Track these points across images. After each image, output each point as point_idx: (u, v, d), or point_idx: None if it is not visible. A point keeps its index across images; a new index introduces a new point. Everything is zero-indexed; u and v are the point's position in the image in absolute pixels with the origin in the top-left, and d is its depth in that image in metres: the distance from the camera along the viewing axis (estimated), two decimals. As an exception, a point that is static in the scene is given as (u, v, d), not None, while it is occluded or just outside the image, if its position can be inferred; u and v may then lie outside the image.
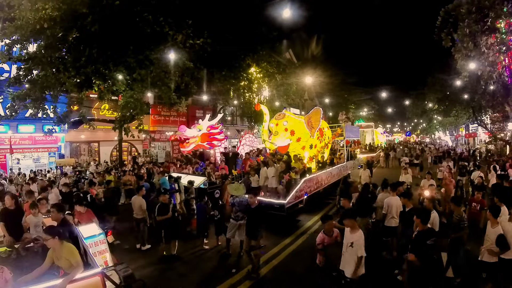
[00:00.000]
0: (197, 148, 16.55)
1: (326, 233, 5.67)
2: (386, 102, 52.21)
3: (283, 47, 33.77)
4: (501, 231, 5.34)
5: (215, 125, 16.48)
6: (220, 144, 17.26)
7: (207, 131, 15.93)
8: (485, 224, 6.00)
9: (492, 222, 5.56)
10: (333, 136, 17.64)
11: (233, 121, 34.80)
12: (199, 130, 15.75)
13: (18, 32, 12.94)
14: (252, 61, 22.22)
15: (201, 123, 16.13)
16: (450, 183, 10.85)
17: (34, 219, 7.00)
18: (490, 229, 5.57)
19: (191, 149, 15.98)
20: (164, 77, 15.97)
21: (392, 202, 7.30)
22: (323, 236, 5.67)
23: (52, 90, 14.49)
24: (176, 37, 15.28)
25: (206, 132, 15.87)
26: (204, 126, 15.95)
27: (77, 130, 22.38)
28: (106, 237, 5.49)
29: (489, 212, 5.69)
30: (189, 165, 16.24)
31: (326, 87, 38.13)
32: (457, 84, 26.91)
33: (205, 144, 16.02)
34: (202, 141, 15.78)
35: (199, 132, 15.65)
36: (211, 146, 16.65)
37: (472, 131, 47.50)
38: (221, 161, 16.84)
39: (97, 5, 13.30)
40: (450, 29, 19.15)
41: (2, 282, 4.35)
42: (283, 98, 26.58)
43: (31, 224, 7.04)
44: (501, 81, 22.38)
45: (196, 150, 17.50)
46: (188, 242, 8.76)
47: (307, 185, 11.38)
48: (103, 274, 4.21)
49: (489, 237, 5.51)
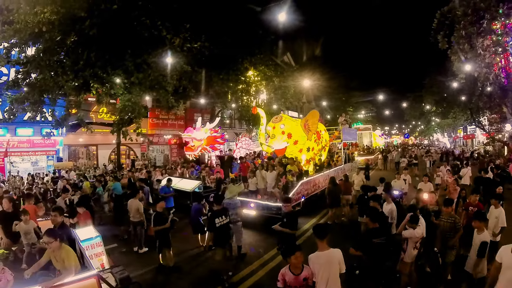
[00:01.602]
0: (202, 151, 16.58)
1: (292, 270, 4.06)
2: (384, 104, 52.53)
3: (280, 50, 33.91)
4: (487, 239, 5.23)
5: (215, 128, 16.56)
6: (220, 148, 17.29)
7: (211, 134, 16.07)
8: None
9: (478, 228, 5.41)
10: (331, 139, 17.68)
11: (231, 124, 34.82)
12: (206, 133, 15.95)
13: (16, 36, 13.02)
14: (250, 64, 22.30)
15: (206, 126, 16.37)
16: (455, 191, 9.86)
17: (24, 227, 6.89)
18: (476, 236, 5.44)
19: (198, 152, 16.00)
20: (162, 81, 16.04)
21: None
22: (285, 272, 4.09)
23: (51, 94, 14.56)
24: (173, 41, 15.36)
25: (211, 135, 16.08)
26: (209, 129, 16.22)
27: (75, 134, 22.36)
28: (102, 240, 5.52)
29: (475, 219, 5.54)
30: (184, 169, 16.19)
31: (324, 90, 38.25)
32: (454, 86, 27.03)
33: (208, 147, 16.07)
34: (207, 144, 15.84)
35: (205, 135, 15.86)
36: (213, 150, 16.69)
37: (470, 133, 47.61)
38: (216, 164, 16.54)
39: (96, 9, 13.40)
40: (446, 31, 19.30)
41: (3, 283, 4.40)
42: (281, 101, 26.62)
43: (21, 232, 6.94)
44: (498, 83, 22.52)
45: (200, 153, 17.53)
46: (184, 243, 8.77)
47: (305, 187, 11.40)
48: (98, 276, 4.24)
49: (476, 244, 5.37)
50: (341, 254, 4.24)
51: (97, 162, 24.78)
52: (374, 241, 5.09)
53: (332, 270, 4.10)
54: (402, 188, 10.74)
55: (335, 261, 4.14)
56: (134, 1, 14.26)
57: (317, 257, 4.19)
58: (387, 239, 5.12)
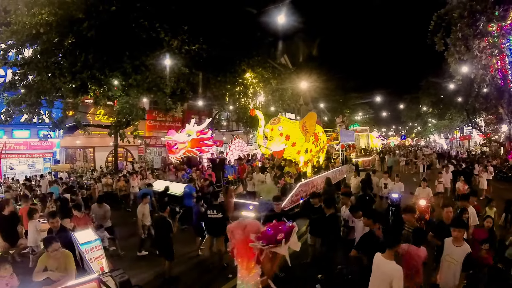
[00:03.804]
0: (186, 154, 15.79)
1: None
2: (381, 106, 52.79)
3: (278, 52, 33.97)
4: (469, 249, 4.52)
5: (204, 130, 15.90)
6: (209, 150, 16.68)
7: (197, 136, 15.35)
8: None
9: (457, 239, 4.61)
10: (328, 141, 17.70)
11: (229, 126, 34.81)
12: (189, 135, 15.09)
13: (14, 37, 12.97)
14: (248, 66, 22.32)
15: (191, 128, 15.47)
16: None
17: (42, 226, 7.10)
18: (453, 247, 4.61)
19: (180, 155, 15.49)
20: (160, 83, 16.01)
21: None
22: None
23: (48, 95, 14.49)
24: (171, 43, 15.36)
25: (196, 137, 15.27)
26: (194, 131, 15.38)
27: (72, 136, 22.29)
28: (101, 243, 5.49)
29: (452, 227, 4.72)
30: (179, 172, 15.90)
31: (321, 91, 38.33)
32: (451, 88, 27.20)
33: (194, 149, 15.35)
34: (192, 146, 15.10)
35: (188, 138, 15.06)
36: (201, 152, 15.93)
37: (466, 134, 47.84)
38: (207, 167, 16.00)
39: (94, 10, 13.39)
40: (443, 33, 19.39)
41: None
42: (278, 103, 26.64)
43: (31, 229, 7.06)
44: (494, 84, 22.71)
45: (184, 156, 17.02)
46: (185, 246, 8.74)
47: (303, 189, 11.41)
48: (99, 280, 4.22)
49: (452, 257, 4.56)
50: (401, 274, 3.81)
51: (94, 164, 24.70)
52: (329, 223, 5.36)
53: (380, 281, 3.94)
54: (402, 191, 10.22)
55: (385, 277, 3.86)
56: (132, 3, 14.27)
57: (375, 260, 4.10)
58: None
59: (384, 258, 3.98)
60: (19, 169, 20.97)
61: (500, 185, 17.10)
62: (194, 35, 16.16)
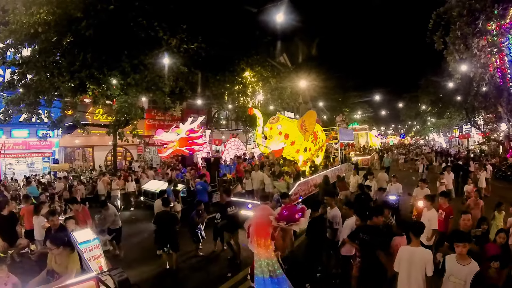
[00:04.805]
0: (175, 153, 15.51)
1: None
2: (380, 104, 52.86)
3: (277, 51, 33.93)
4: (477, 267, 3.88)
5: (195, 128, 15.31)
6: (202, 149, 16.33)
7: (186, 135, 14.80)
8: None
9: (462, 256, 3.99)
10: (327, 139, 17.70)
11: (228, 125, 34.78)
12: (178, 134, 14.64)
13: (12, 36, 12.96)
14: (246, 65, 22.25)
15: (181, 127, 15.09)
16: (476, 206, 7.87)
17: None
18: (458, 266, 3.96)
19: (168, 154, 15.01)
20: (159, 82, 15.98)
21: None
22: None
23: (46, 95, 14.47)
24: (170, 42, 15.32)
25: (185, 136, 14.75)
26: (184, 130, 14.88)
27: (71, 135, 22.27)
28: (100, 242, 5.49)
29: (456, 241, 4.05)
30: (173, 172, 15.78)
31: (320, 90, 38.26)
32: (450, 86, 27.22)
33: (183, 149, 14.82)
34: (180, 145, 14.56)
35: (177, 137, 14.56)
36: (191, 152, 15.44)
37: (465, 132, 47.83)
38: (202, 166, 15.83)
39: (92, 9, 13.34)
40: (442, 31, 19.43)
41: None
42: (277, 102, 26.61)
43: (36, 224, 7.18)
44: (493, 83, 22.70)
45: (177, 155, 16.70)
46: (184, 246, 8.74)
47: (302, 188, 11.43)
48: (97, 278, 4.20)
49: (457, 278, 3.92)
50: (431, 256, 4.20)
51: (93, 163, 24.70)
52: (361, 236, 5.23)
53: (413, 267, 4.16)
54: (400, 192, 10.01)
55: (418, 261, 4.14)
56: (130, 1, 14.22)
57: (402, 250, 4.40)
58: (371, 237, 5.09)
59: (413, 247, 4.32)
60: (18, 169, 20.95)
61: (499, 183, 17.12)
62: (193, 34, 16.11)
